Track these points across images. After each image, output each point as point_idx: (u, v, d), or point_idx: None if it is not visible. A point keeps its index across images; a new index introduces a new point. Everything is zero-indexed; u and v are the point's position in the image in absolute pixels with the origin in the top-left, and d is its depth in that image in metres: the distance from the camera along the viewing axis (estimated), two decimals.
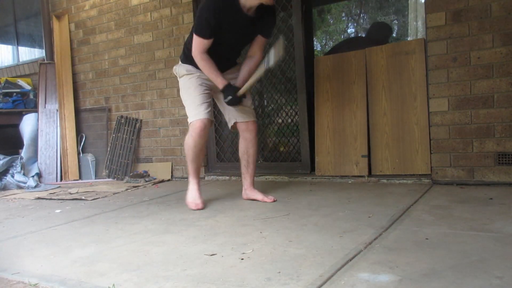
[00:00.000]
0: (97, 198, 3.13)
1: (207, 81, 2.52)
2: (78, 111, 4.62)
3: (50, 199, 3.24)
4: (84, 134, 4.60)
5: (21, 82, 4.86)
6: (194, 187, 2.56)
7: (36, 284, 1.45)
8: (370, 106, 3.10)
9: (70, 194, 3.39)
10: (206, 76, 2.49)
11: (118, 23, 4.27)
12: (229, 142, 3.82)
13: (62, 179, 4.35)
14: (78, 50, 4.61)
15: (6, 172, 4.00)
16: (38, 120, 4.46)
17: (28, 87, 4.84)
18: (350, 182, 3.09)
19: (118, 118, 4.29)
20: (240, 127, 2.62)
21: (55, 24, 4.58)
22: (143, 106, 4.16)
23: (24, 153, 4.33)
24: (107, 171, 4.28)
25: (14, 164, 4.06)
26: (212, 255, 1.60)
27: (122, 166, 4.18)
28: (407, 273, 1.30)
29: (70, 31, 4.64)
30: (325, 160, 3.24)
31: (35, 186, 3.91)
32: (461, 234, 1.66)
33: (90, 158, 4.46)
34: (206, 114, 2.45)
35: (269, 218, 2.14)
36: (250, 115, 2.58)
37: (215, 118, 3.40)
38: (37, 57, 5.33)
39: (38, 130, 4.43)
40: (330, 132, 3.23)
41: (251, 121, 2.58)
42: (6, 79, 4.79)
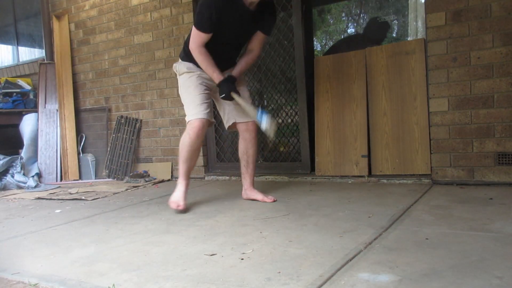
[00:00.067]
0: (97, 198, 3.13)
1: (207, 80, 2.51)
2: (78, 111, 4.62)
3: (50, 199, 3.24)
4: (84, 134, 4.60)
5: (21, 82, 4.86)
6: (181, 189, 2.48)
7: (36, 284, 1.45)
8: (370, 106, 3.10)
9: (70, 194, 3.39)
10: (206, 75, 2.48)
11: (118, 23, 4.27)
12: (229, 142, 3.82)
13: (62, 179, 4.35)
14: (78, 50, 4.61)
15: (6, 172, 4.00)
16: (38, 120, 4.46)
17: (28, 87, 4.84)
18: (350, 182, 3.09)
19: (118, 118, 4.29)
20: (239, 127, 2.61)
21: (55, 24, 4.58)
22: (143, 106, 4.17)
23: (24, 153, 4.33)
24: (107, 171, 4.28)
25: (14, 164, 4.06)
26: (212, 255, 1.60)
27: (122, 166, 4.18)
28: (407, 273, 1.30)
29: (70, 31, 4.64)
30: (325, 160, 3.24)
31: (35, 186, 3.91)
32: (461, 234, 1.66)
33: (90, 158, 4.46)
34: (206, 115, 2.44)
35: (269, 218, 2.14)
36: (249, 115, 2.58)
37: (215, 118, 3.39)
38: (37, 57, 5.33)
39: (38, 130, 4.43)
40: (330, 132, 3.23)
41: (251, 121, 2.57)
42: (6, 79, 4.79)
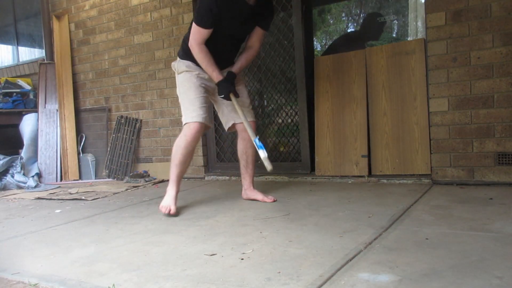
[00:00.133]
0: (97, 198, 3.13)
1: (207, 81, 2.50)
2: (78, 111, 4.62)
3: (50, 199, 3.24)
4: (84, 134, 4.60)
5: (21, 82, 4.86)
6: (172, 194, 2.42)
7: (36, 284, 1.45)
8: (370, 106, 3.10)
9: (70, 194, 3.39)
10: (205, 75, 2.47)
11: (118, 23, 4.27)
12: (229, 142, 3.81)
13: (62, 179, 4.35)
14: (78, 50, 4.61)
15: (6, 172, 4.00)
16: (38, 120, 4.46)
17: (28, 87, 4.84)
18: (350, 182, 3.09)
19: (118, 118, 4.29)
20: (238, 128, 2.60)
21: (55, 24, 4.58)
22: (143, 106, 4.17)
23: (24, 153, 4.33)
24: (107, 171, 4.28)
25: (14, 164, 4.06)
26: (212, 255, 1.60)
27: (122, 166, 4.18)
28: (407, 273, 1.30)
29: (70, 31, 4.64)
30: (325, 160, 3.24)
31: (35, 186, 3.91)
32: (461, 234, 1.66)
33: (90, 158, 4.46)
34: (204, 119, 2.43)
35: (269, 218, 2.14)
36: (248, 116, 2.56)
37: (215, 118, 3.39)
38: (37, 57, 5.33)
39: (38, 130, 4.43)
40: (330, 132, 3.23)
41: (250, 121, 2.55)
42: (6, 79, 4.79)
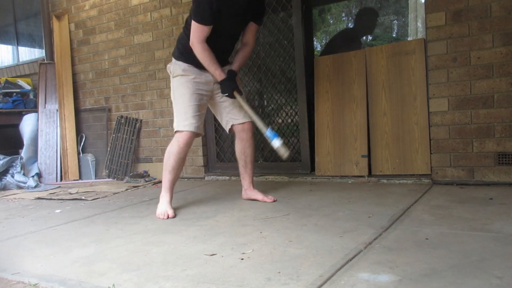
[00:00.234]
0: (97, 198, 3.13)
1: (203, 85, 2.47)
2: (78, 111, 4.62)
3: (50, 199, 3.24)
4: (84, 134, 4.60)
5: (21, 82, 4.86)
6: (167, 199, 2.42)
7: (36, 284, 1.45)
8: (370, 106, 3.10)
9: (70, 194, 3.39)
10: (201, 78, 2.45)
11: (118, 23, 4.27)
12: (229, 142, 3.81)
13: (62, 179, 4.35)
14: (78, 50, 4.61)
15: (6, 172, 4.00)
16: (38, 120, 4.46)
17: (28, 87, 4.84)
18: (350, 182, 3.09)
19: (118, 118, 4.29)
20: (236, 128, 2.60)
21: (55, 24, 4.58)
22: (143, 106, 4.16)
23: (24, 153, 4.33)
24: (107, 171, 4.28)
25: (14, 164, 4.06)
26: (212, 255, 1.60)
27: (122, 166, 4.18)
28: (407, 273, 1.30)
29: (70, 31, 4.64)
30: (325, 160, 3.24)
31: (35, 186, 3.91)
32: (461, 234, 1.66)
33: (90, 158, 4.46)
34: (197, 128, 2.43)
35: (269, 218, 2.14)
36: (246, 116, 2.55)
37: (214, 118, 3.39)
38: (37, 57, 5.33)
39: (38, 130, 4.43)
40: (330, 132, 3.23)
41: (248, 121, 2.56)
42: (6, 79, 4.79)
